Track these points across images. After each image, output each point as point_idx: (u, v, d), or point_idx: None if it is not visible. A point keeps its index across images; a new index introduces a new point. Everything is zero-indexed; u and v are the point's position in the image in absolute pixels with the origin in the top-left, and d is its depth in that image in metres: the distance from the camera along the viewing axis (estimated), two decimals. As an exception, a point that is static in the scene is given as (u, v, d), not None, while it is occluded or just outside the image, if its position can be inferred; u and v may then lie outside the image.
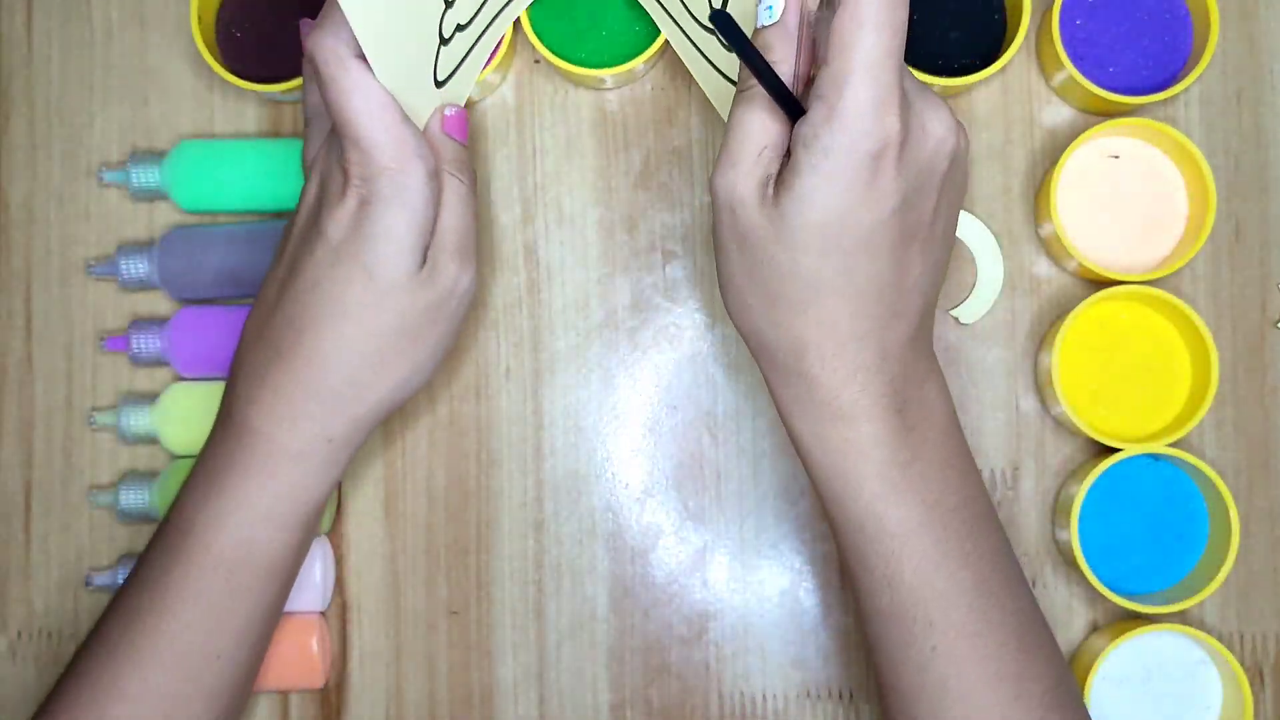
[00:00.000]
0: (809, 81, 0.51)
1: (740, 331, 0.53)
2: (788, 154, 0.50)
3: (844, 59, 0.47)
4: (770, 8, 0.50)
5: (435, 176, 0.54)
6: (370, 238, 0.53)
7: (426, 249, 0.54)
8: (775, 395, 0.52)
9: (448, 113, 0.57)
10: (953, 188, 0.51)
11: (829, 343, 0.50)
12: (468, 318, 0.59)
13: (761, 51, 0.49)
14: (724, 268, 0.52)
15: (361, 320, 0.54)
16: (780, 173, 0.49)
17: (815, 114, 0.47)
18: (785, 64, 0.50)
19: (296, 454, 0.55)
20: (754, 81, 0.49)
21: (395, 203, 0.52)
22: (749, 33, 0.50)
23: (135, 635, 0.55)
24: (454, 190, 0.55)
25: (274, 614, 0.58)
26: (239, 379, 0.56)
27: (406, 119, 0.53)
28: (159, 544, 0.56)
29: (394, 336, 0.54)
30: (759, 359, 0.53)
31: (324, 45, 0.51)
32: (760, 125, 0.49)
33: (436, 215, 0.55)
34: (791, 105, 0.49)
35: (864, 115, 0.47)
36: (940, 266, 0.52)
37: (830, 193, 0.47)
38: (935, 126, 0.49)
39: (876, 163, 0.47)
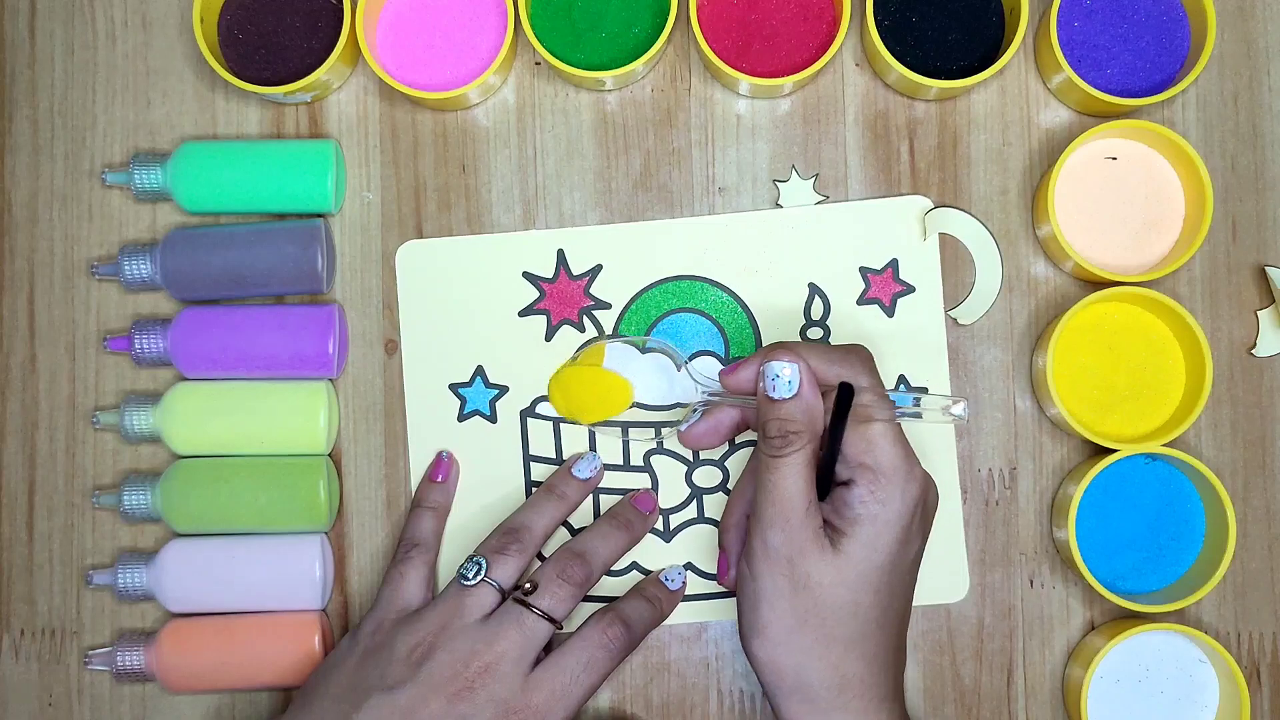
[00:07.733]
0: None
1: (774, 670, 0.57)
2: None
3: (868, 426, 0.56)
4: (790, 382, 0.57)
5: None
6: None
7: None
8: None
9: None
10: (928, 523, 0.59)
11: (870, 674, 0.56)
12: None
13: (784, 422, 0.56)
14: (766, 614, 0.56)
15: None
16: (831, 523, 0.56)
17: (862, 477, 0.56)
18: (805, 435, 0.56)
19: None
20: (789, 449, 0.56)
21: None
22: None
23: None
24: None
25: None
26: None
27: None
28: None
29: None
30: (787, 697, 0.57)
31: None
32: (803, 485, 0.56)
33: None
34: (824, 465, 0.57)
35: (902, 470, 0.56)
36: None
37: (890, 537, 0.56)
38: (922, 472, 0.57)
39: (918, 508, 0.56)
